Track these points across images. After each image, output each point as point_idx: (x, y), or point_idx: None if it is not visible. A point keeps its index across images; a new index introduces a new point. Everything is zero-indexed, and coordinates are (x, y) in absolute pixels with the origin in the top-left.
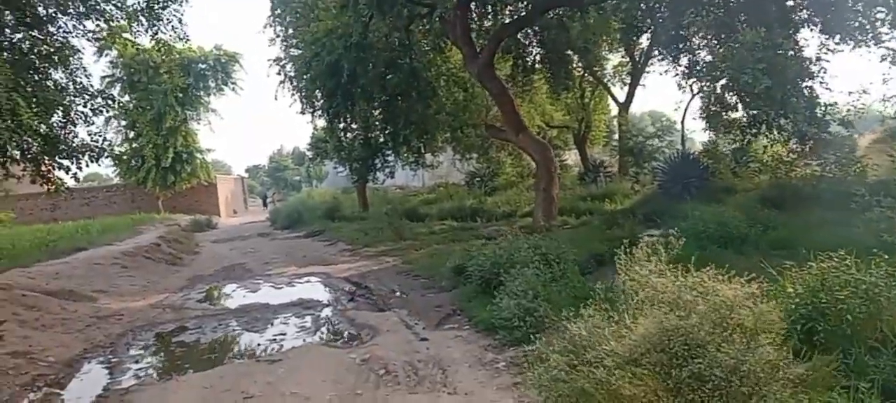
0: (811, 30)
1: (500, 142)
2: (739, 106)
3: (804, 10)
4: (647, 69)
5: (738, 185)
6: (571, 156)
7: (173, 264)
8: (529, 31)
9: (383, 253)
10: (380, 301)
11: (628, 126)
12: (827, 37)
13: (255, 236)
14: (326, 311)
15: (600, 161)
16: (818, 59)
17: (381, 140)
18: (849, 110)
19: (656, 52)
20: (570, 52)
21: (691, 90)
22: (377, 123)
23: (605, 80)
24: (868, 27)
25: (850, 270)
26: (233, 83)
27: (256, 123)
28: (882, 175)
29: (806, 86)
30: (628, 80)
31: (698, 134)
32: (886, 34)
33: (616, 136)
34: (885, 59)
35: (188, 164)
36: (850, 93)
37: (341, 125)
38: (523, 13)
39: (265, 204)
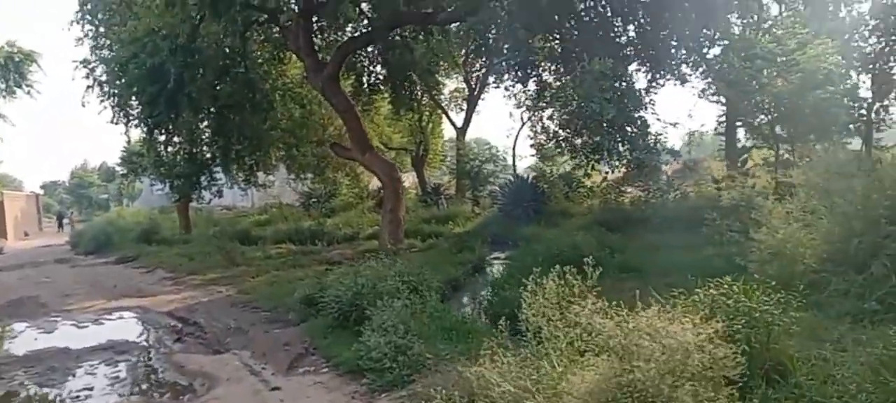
0: (638, 65)
1: (338, 161)
2: (583, 133)
3: (631, 47)
4: (483, 96)
5: (572, 209)
6: (408, 178)
7: None
8: (373, 49)
9: (213, 282)
10: (214, 339)
11: (466, 150)
12: (652, 72)
13: (52, 262)
14: (147, 356)
15: (437, 184)
16: (647, 91)
17: (209, 155)
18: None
19: (500, 77)
20: (412, 73)
21: (521, 119)
22: (205, 137)
23: (443, 104)
24: (674, 65)
25: (739, 297)
26: (28, 85)
27: (56, 133)
28: (697, 201)
29: (639, 117)
30: (465, 106)
31: (526, 160)
32: (689, 73)
33: (450, 159)
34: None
35: None
36: (670, 123)
37: (162, 137)
38: (369, 29)
39: (61, 226)
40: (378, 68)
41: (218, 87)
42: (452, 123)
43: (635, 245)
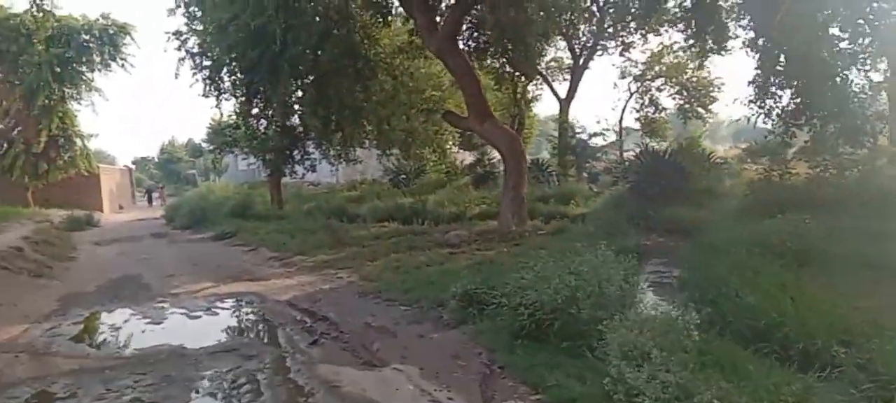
0: None
1: (426, 136)
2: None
3: None
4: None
5: (716, 188)
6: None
7: (39, 276)
8: (482, 7)
9: (326, 265)
10: (357, 343)
11: (570, 123)
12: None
13: (149, 237)
14: (283, 365)
15: (537, 159)
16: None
17: (303, 128)
18: None
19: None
20: (527, 35)
21: (629, 89)
22: (299, 107)
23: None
24: None
25: None
26: (122, 59)
27: (147, 108)
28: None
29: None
30: (568, 76)
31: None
32: None
33: (543, 133)
34: None
35: (65, 151)
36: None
37: (256, 109)
38: None
39: (150, 201)
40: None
41: (319, 53)
42: (555, 93)
43: (836, 232)
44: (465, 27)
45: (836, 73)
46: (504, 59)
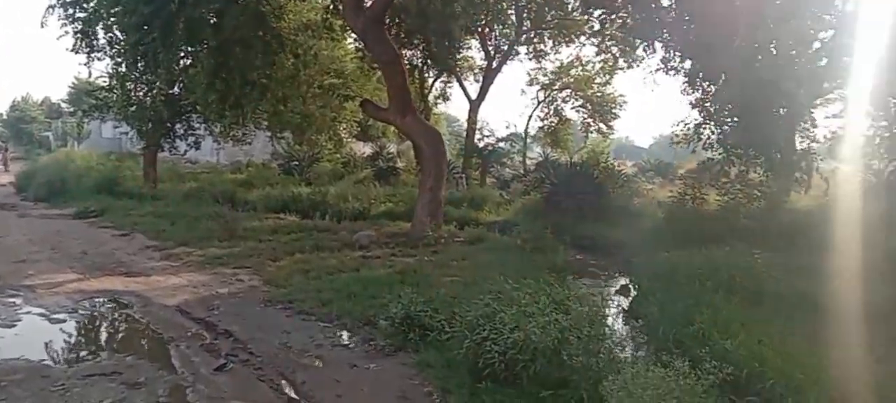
0: None
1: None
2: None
3: None
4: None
5: (628, 207)
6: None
7: None
8: None
9: (219, 261)
10: (274, 371)
11: (480, 125)
12: None
13: None
14: (180, 397)
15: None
16: None
17: (191, 100)
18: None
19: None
20: (452, 27)
21: (537, 98)
22: (191, 77)
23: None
24: None
25: None
26: None
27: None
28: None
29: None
30: (480, 77)
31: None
32: None
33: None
34: None
35: None
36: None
37: (134, 74)
38: None
39: None
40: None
41: (223, 18)
42: (466, 94)
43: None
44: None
45: (773, 107)
46: (425, 51)
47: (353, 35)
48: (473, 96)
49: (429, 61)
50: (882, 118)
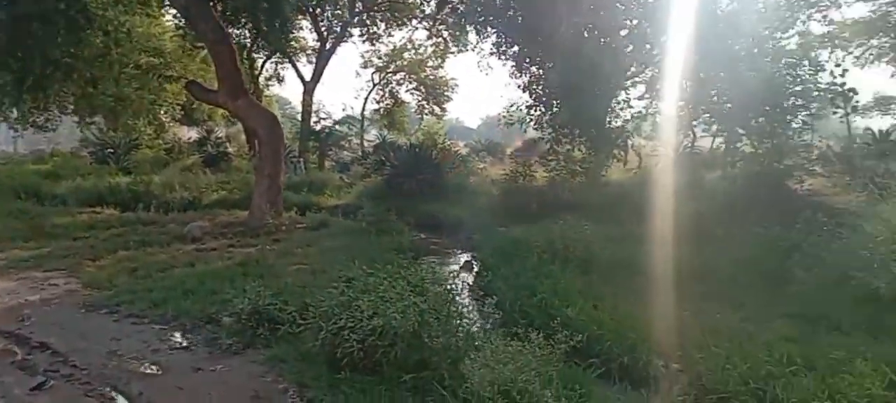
0: None
1: (140, 105)
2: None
3: None
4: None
5: (466, 185)
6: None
7: None
8: None
9: (27, 264)
10: (104, 383)
11: (316, 108)
12: None
13: None
14: None
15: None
16: None
17: None
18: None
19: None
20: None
21: (372, 80)
22: None
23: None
24: None
25: None
26: None
27: None
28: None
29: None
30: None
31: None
32: None
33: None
34: None
35: None
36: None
37: None
38: None
39: None
40: None
41: None
42: (300, 76)
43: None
44: None
45: (595, 88)
46: (255, 31)
47: (173, 11)
48: (307, 78)
49: (259, 41)
50: (679, 98)
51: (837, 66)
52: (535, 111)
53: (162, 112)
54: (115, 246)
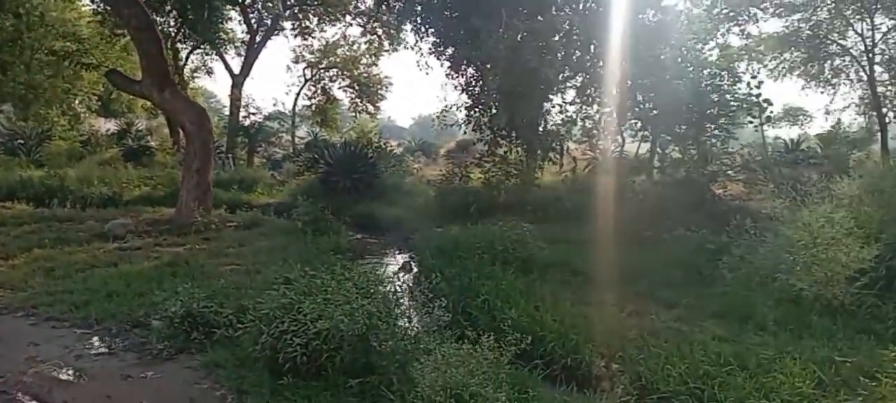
0: None
1: (52, 94)
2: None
3: None
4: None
5: (402, 185)
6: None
7: None
8: None
9: None
10: (26, 394)
11: (245, 102)
12: None
13: None
14: None
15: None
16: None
17: None
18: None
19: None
20: None
21: (304, 75)
22: None
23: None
24: None
25: None
26: None
27: None
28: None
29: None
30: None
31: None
32: None
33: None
34: None
35: None
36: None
37: None
38: None
39: None
40: None
41: None
42: (228, 68)
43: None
44: None
45: (534, 91)
46: (180, 20)
47: None
48: (236, 71)
49: (184, 31)
50: (607, 104)
51: (753, 77)
52: (474, 112)
53: (76, 101)
54: (28, 243)
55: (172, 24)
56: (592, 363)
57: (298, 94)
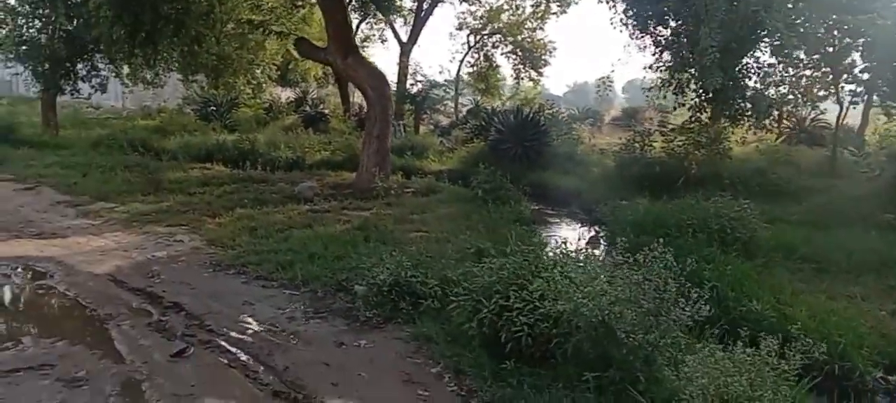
0: None
1: (240, 64)
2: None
3: None
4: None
5: (575, 154)
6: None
7: None
8: None
9: (147, 218)
10: (247, 353)
11: (413, 70)
12: None
13: None
14: (136, 395)
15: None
16: None
17: (95, 37)
18: None
19: None
20: None
21: (467, 43)
22: (89, 11)
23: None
24: None
25: None
26: None
27: None
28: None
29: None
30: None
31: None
32: None
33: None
34: None
35: None
36: None
37: (25, 7)
38: None
39: None
40: None
41: None
42: (397, 37)
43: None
44: None
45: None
46: None
47: None
48: (404, 39)
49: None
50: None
51: None
52: (683, 74)
53: (259, 71)
54: (230, 203)
55: None
56: (868, 372)
57: (462, 62)
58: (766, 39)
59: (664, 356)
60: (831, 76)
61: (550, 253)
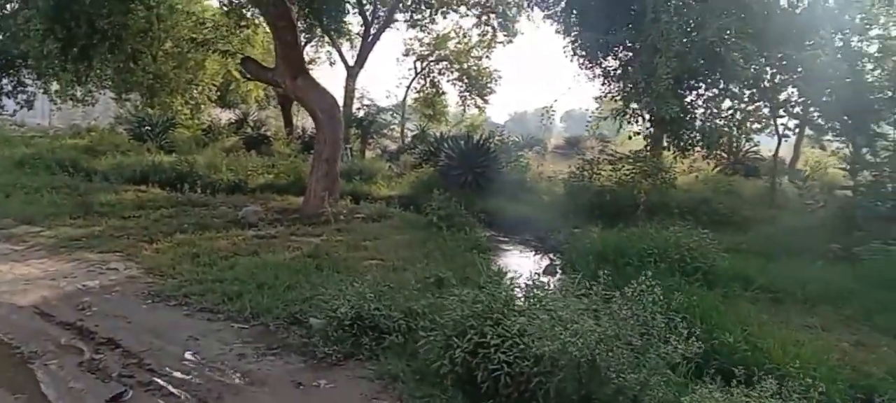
0: None
1: (176, 84)
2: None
3: None
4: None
5: (521, 181)
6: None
7: None
8: None
9: (77, 244)
10: (194, 399)
11: (359, 94)
12: None
13: None
14: None
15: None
16: None
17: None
18: None
19: None
20: None
21: (414, 68)
22: (17, 23)
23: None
24: None
25: None
26: None
27: None
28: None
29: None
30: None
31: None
32: None
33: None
34: None
35: None
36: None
37: None
38: None
39: None
40: None
41: None
42: (344, 60)
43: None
44: None
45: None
46: (306, 10)
47: None
48: (350, 63)
49: (310, 22)
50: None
51: None
52: (640, 101)
53: (197, 92)
54: (169, 227)
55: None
56: None
57: (408, 87)
58: (720, 71)
59: (653, 396)
60: (769, 109)
61: (523, 287)
